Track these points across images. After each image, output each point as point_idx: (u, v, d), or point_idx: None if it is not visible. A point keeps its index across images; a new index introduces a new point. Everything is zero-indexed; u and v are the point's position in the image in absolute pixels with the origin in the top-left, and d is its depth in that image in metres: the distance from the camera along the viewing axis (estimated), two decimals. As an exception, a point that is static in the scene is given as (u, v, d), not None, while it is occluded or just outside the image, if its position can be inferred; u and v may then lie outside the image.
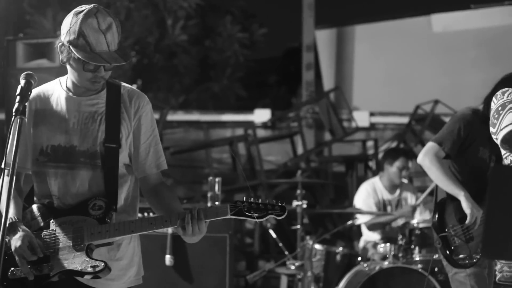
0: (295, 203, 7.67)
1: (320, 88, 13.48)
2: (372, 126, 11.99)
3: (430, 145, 5.28)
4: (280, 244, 8.01)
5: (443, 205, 5.27)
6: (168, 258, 6.50)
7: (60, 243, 3.85)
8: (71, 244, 3.83)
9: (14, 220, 3.84)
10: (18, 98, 3.66)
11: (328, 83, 13.74)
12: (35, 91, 3.98)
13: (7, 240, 3.77)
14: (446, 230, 5.19)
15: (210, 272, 6.54)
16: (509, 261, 4.72)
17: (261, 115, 12.10)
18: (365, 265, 7.10)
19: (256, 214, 3.77)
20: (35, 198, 4.02)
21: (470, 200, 5.12)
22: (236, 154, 10.20)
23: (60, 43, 3.86)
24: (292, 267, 7.58)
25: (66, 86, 3.98)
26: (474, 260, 5.12)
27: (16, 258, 3.79)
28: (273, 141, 11.87)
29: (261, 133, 11.71)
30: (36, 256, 3.80)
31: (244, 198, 3.80)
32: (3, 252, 3.39)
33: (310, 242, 7.40)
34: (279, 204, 3.80)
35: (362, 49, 13.81)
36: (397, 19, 13.87)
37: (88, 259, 3.80)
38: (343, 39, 13.93)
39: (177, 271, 6.53)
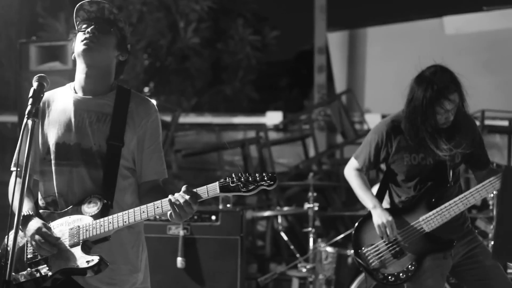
0: (306, 205, 7.68)
1: (332, 91, 13.47)
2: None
3: (351, 159, 5.27)
4: (292, 247, 8.01)
5: (364, 222, 5.17)
6: (179, 261, 6.51)
7: (58, 245, 3.88)
8: (68, 243, 3.86)
9: (29, 213, 3.90)
10: (30, 100, 3.70)
11: (340, 85, 13.73)
12: (45, 95, 4.03)
13: (20, 233, 3.85)
14: (359, 251, 5.09)
15: (221, 274, 6.55)
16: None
17: (273, 118, 12.10)
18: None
19: (244, 188, 3.70)
20: (39, 197, 4.06)
21: (378, 211, 5.00)
22: (248, 156, 10.20)
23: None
24: (304, 270, 7.58)
25: (74, 88, 4.04)
26: (408, 274, 4.96)
27: (34, 242, 3.84)
28: (284, 143, 11.86)
29: (272, 135, 11.70)
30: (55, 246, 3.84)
31: (233, 174, 3.73)
32: (13, 252, 3.41)
33: (322, 245, 7.40)
34: (269, 174, 3.72)
35: (374, 52, 13.79)
36: (409, 21, 13.84)
37: (83, 255, 3.82)
38: (355, 41, 13.91)
39: (189, 273, 6.55)
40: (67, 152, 3.97)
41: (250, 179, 3.70)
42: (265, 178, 3.71)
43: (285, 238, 8.25)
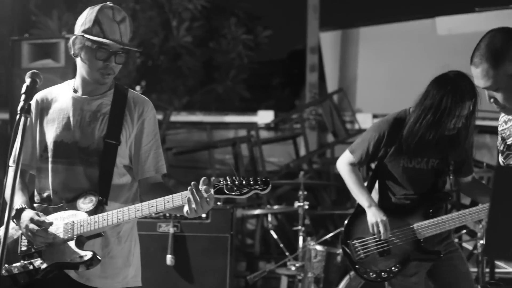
0: (297, 204, 7.70)
1: (323, 90, 13.50)
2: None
3: (346, 152, 5.26)
4: (281, 245, 8.04)
5: (357, 215, 5.21)
6: (169, 258, 6.54)
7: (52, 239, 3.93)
8: (62, 238, 3.89)
9: (22, 206, 3.94)
10: (23, 96, 3.72)
11: (331, 85, 13.75)
12: (43, 92, 4.12)
13: (15, 225, 3.92)
14: (348, 241, 5.13)
15: (211, 272, 6.57)
16: (510, 262, 4.70)
17: (264, 117, 12.12)
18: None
19: (237, 191, 3.75)
20: (35, 193, 4.10)
21: (373, 210, 5.03)
22: (239, 154, 10.22)
23: (74, 37, 4.01)
24: (293, 268, 7.60)
25: (74, 87, 4.09)
26: (389, 275, 5.02)
27: (29, 232, 3.89)
28: (275, 142, 11.88)
29: (264, 134, 11.72)
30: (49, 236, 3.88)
31: (227, 176, 3.79)
32: (4, 246, 3.43)
33: (311, 243, 7.42)
34: (263, 179, 3.79)
35: (366, 52, 13.81)
36: (401, 21, 13.86)
37: (77, 250, 3.87)
38: (348, 41, 13.93)
39: (178, 271, 6.57)
40: (64, 150, 4.02)
41: (244, 182, 3.76)
42: (259, 182, 3.77)
43: (275, 236, 8.27)
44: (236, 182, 3.76)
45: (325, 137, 12.18)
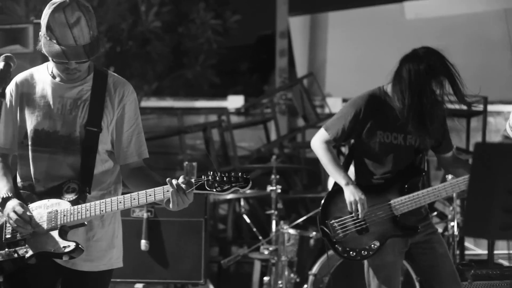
0: (269, 188, 7.71)
1: (293, 75, 13.51)
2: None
3: (320, 130, 5.20)
4: (254, 229, 8.05)
5: (334, 194, 5.18)
6: (143, 243, 6.52)
7: (36, 227, 3.91)
8: (45, 227, 3.88)
9: (7, 195, 3.92)
10: (-3, 80, 3.67)
11: (301, 69, 13.77)
12: (22, 75, 4.07)
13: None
14: (326, 221, 5.11)
15: (185, 257, 6.56)
16: (489, 239, 4.71)
17: (235, 102, 12.13)
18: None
19: (218, 188, 3.76)
20: (18, 179, 4.07)
21: (350, 188, 5.01)
22: (210, 139, 10.20)
23: (40, 32, 3.92)
24: (266, 252, 7.62)
25: (52, 72, 4.03)
26: (369, 253, 5.02)
27: (11, 220, 3.87)
28: (246, 127, 11.89)
29: (234, 119, 11.72)
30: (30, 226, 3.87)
31: (209, 172, 3.79)
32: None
33: (285, 227, 7.44)
34: (243, 176, 3.80)
35: (335, 36, 13.84)
36: (370, 6, 13.90)
37: (60, 240, 3.87)
38: (317, 26, 13.95)
39: (153, 256, 6.56)
40: (45, 139, 3.99)
41: (225, 179, 3.76)
42: (240, 179, 3.77)
43: (248, 220, 8.28)
44: (217, 178, 3.76)
45: (296, 121, 12.21)
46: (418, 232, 5.03)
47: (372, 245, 5.02)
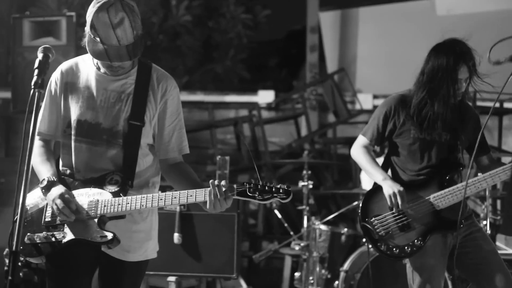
0: (301, 183, 7.69)
1: (323, 71, 13.47)
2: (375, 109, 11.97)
3: (358, 137, 5.27)
4: (286, 225, 8.03)
5: (372, 193, 5.16)
6: (176, 236, 6.53)
7: (77, 214, 3.94)
8: (85, 214, 3.89)
9: (53, 179, 3.96)
10: (36, 71, 3.68)
11: (331, 65, 13.72)
12: (68, 63, 4.08)
13: (41, 196, 3.97)
14: (367, 219, 5.07)
15: (218, 250, 6.56)
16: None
17: (265, 96, 12.10)
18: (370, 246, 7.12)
19: (260, 196, 3.81)
20: (60, 166, 4.09)
21: (388, 182, 5.00)
22: (241, 134, 10.20)
23: (86, 28, 3.94)
24: (297, 248, 7.61)
25: (97, 64, 4.04)
26: (413, 249, 4.97)
27: (55, 206, 3.89)
28: (277, 122, 11.87)
29: (264, 114, 11.70)
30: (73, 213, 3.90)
31: (252, 180, 3.85)
32: (20, 224, 3.41)
33: (316, 223, 7.42)
34: (285, 188, 3.83)
35: (365, 32, 13.77)
36: (401, 2, 13.83)
37: (98, 229, 3.90)
38: (347, 21, 13.89)
39: (185, 249, 6.56)
40: (88, 130, 4.01)
41: (266, 188, 3.81)
42: (281, 190, 3.82)
43: (279, 215, 8.27)
44: (259, 187, 3.81)
45: (326, 117, 12.17)
46: (460, 227, 4.96)
47: (416, 241, 4.96)
